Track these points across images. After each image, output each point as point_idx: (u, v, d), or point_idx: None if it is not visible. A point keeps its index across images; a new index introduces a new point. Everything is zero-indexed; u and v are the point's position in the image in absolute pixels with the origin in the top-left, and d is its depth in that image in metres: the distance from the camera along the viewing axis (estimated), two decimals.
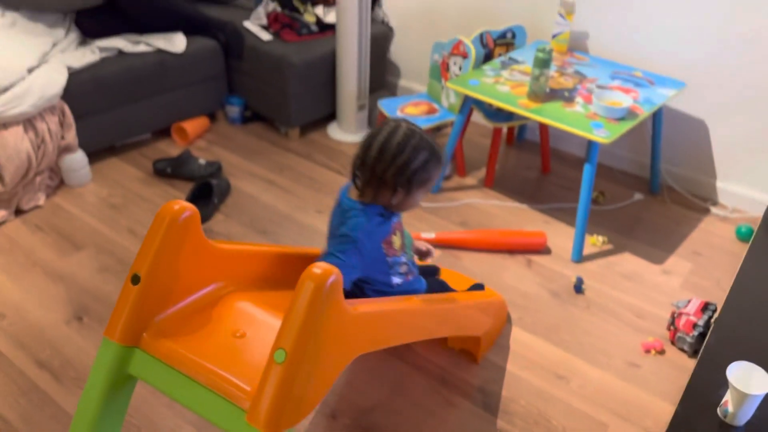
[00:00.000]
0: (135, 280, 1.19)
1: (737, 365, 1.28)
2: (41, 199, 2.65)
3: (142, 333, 1.21)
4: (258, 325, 1.30)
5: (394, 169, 1.48)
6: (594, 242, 2.53)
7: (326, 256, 1.44)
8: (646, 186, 2.91)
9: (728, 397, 1.28)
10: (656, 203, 2.80)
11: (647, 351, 2.05)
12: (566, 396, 1.89)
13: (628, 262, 2.45)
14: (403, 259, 1.64)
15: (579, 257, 2.43)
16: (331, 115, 3.35)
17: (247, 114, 3.35)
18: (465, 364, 1.99)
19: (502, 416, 1.83)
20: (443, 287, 1.91)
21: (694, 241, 2.57)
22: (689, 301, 2.11)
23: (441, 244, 2.50)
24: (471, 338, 2.01)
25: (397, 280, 1.63)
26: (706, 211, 2.75)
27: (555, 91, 2.48)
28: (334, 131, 3.30)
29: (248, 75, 3.21)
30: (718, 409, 1.31)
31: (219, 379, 1.13)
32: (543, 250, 2.48)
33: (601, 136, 2.19)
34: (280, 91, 3.06)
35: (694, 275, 2.38)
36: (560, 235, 2.58)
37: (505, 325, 2.15)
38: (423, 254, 1.89)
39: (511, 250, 2.48)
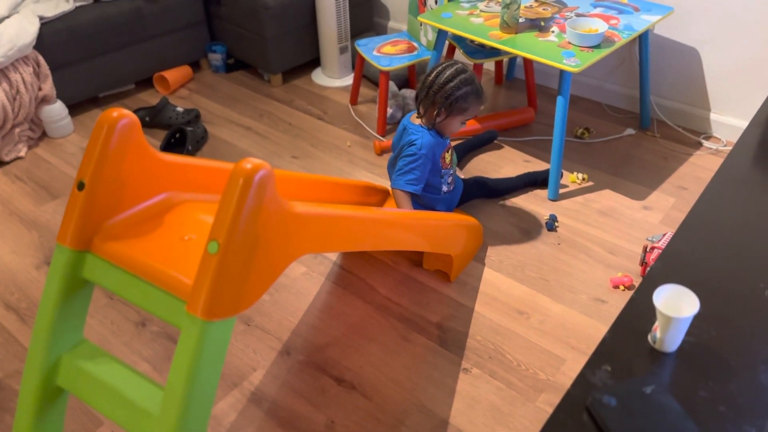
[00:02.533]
0: (80, 186, 1.22)
1: (665, 288, 1.22)
2: (22, 151, 2.68)
3: (92, 238, 1.24)
4: (206, 229, 1.30)
5: (442, 92, 1.89)
6: (574, 180, 2.45)
7: (396, 175, 1.99)
8: (637, 121, 2.78)
9: (657, 323, 1.22)
10: (646, 138, 2.68)
11: (615, 287, 1.99)
12: (525, 331, 1.86)
13: (607, 198, 2.36)
14: (451, 171, 2.11)
15: (555, 195, 2.35)
16: (315, 60, 3.29)
17: (231, 62, 3.31)
18: (426, 301, 1.97)
19: (457, 351, 1.81)
20: (480, 186, 2.32)
21: (680, 175, 2.46)
22: (664, 235, 2.03)
23: None
24: (445, 259, 2.02)
25: (444, 188, 2.10)
26: (698, 145, 2.63)
27: (531, 21, 2.36)
28: (318, 76, 3.24)
29: (228, 21, 3.16)
30: (648, 336, 1.26)
31: (163, 276, 1.16)
32: (533, 123, 2.76)
33: (571, 64, 2.08)
34: (259, 36, 3.01)
35: (676, 210, 2.28)
36: None
37: (478, 248, 2.15)
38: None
39: (503, 128, 2.71)
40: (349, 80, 3.18)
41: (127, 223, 1.28)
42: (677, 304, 1.21)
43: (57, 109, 2.74)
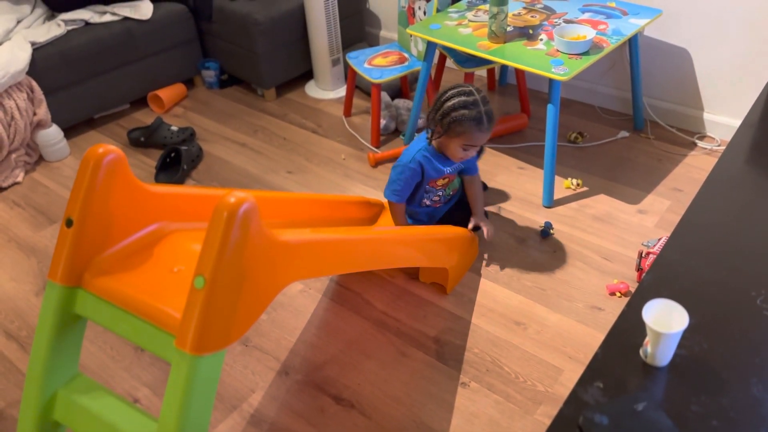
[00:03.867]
0: (69, 223, 1.23)
1: (655, 303, 1.22)
2: (19, 176, 2.70)
3: (83, 273, 1.25)
4: (195, 258, 1.31)
5: (440, 111, 1.88)
6: (568, 185, 2.44)
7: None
8: (631, 123, 2.78)
9: (648, 338, 1.22)
10: (639, 141, 2.68)
11: (612, 294, 1.99)
12: (522, 342, 1.86)
13: (602, 203, 2.36)
14: (439, 192, 2.11)
15: (550, 202, 2.35)
16: (308, 73, 3.30)
17: (224, 78, 3.32)
18: (423, 315, 1.97)
19: (455, 365, 1.81)
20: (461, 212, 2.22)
21: (675, 177, 2.46)
22: (659, 240, 2.03)
23: None
24: (440, 271, 2.02)
25: (426, 201, 2.11)
26: (693, 146, 2.62)
27: (520, 30, 2.36)
28: (312, 89, 3.25)
29: (220, 37, 3.17)
30: (640, 350, 1.26)
31: (152, 310, 1.17)
32: (527, 129, 2.77)
33: (560, 73, 2.08)
34: (250, 51, 3.02)
35: (671, 212, 2.28)
36: (533, 181, 2.49)
37: (474, 259, 2.15)
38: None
39: (497, 135, 2.74)
40: (342, 92, 3.19)
41: (117, 257, 1.29)
42: (667, 319, 1.21)
43: (52, 133, 2.76)
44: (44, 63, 2.71)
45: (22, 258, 2.30)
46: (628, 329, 1.32)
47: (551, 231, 2.22)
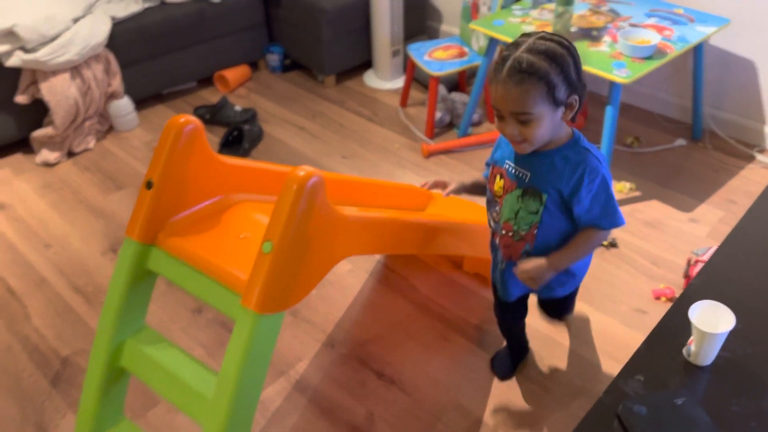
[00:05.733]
0: (149, 185, 1.33)
1: (702, 304, 1.24)
2: (91, 143, 2.85)
3: (157, 233, 1.35)
4: (259, 228, 1.40)
5: None
6: (621, 189, 2.45)
7: None
8: (689, 132, 2.75)
9: (693, 337, 1.25)
10: (697, 150, 2.65)
11: (657, 298, 1.99)
12: (563, 338, 1.89)
13: (654, 209, 2.36)
14: (497, 208, 1.43)
15: None
16: (368, 63, 3.37)
17: (287, 62, 3.42)
18: (466, 303, 2.02)
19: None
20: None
21: (730, 189, 2.43)
22: (709, 249, 2.02)
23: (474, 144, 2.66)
24: (485, 263, 2.05)
25: (491, 223, 1.48)
26: (751, 159, 2.58)
27: (583, 30, 2.38)
28: (370, 79, 3.32)
29: (286, 23, 3.27)
30: (684, 349, 1.28)
31: (220, 271, 1.26)
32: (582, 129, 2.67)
33: (621, 75, 2.09)
34: (315, 38, 3.11)
35: (723, 224, 2.26)
36: None
37: None
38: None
39: None
40: (399, 83, 3.25)
41: (189, 221, 1.38)
42: (713, 320, 1.23)
43: (124, 105, 2.90)
44: (122, 37, 2.85)
45: (91, 220, 2.45)
46: (673, 329, 1.34)
47: (608, 242, 2.21)
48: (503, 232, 1.42)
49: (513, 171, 1.36)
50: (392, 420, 1.69)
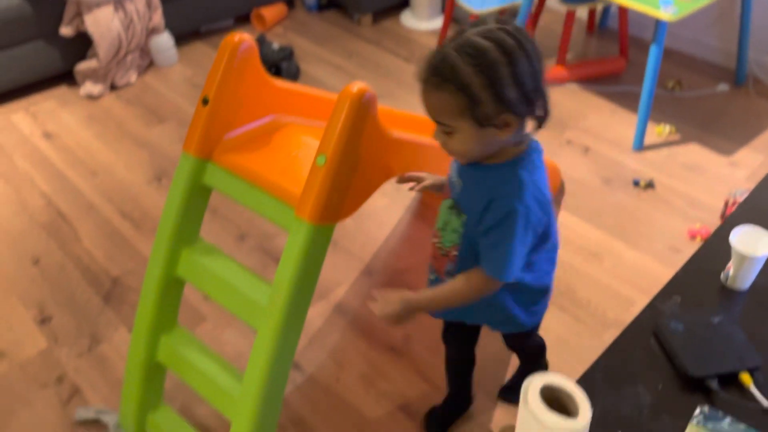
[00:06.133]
0: (205, 101, 1.37)
1: (743, 228, 1.26)
2: (133, 77, 2.90)
3: (213, 149, 1.40)
4: (309, 147, 1.46)
5: None
6: (660, 132, 2.43)
7: None
8: (732, 77, 2.70)
9: (731, 261, 1.27)
10: (739, 95, 2.61)
11: (692, 237, 2.01)
12: (597, 273, 1.92)
13: (693, 152, 2.34)
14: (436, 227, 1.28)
15: (640, 145, 2.36)
16: (405, 2, 3.34)
17: (323, 2, 3.40)
18: None
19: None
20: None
21: None
22: (748, 191, 2.02)
23: None
24: None
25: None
26: None
27: None
28: (407, 19, 3.29)
29: None
30: (721, 274, 1.31)
31: (274, 185, 1.32)
32: (623, 74, 2.69)
33: (669, 12, 2.06)
34: None
35: (765, 167, 2.24)
36: (624, 124, 2.50)
37: (556, 193, 2.19)
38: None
39: (592, 77, 2.69)
40: (437, 23, 3.22)
41: (243, 139, 1.43)
42: (753, 244, 1.25)
43: (165, 40, 2.93)
44: None
45: (135, 150, 2.52)
46: (711, 256, 1.37)
47: (642, 182, 2.21)
48: (434, 239, 1.25)
49: (453, 176, 1.16)
50: (428, 342, 1.75)
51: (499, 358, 1.72)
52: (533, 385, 0.80)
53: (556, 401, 0.81)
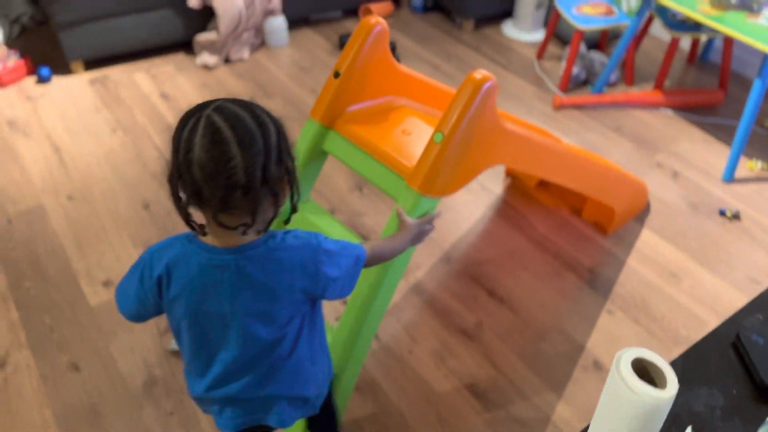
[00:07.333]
0: (336, 74, 1.51)
1: None
2: (246, 53, 3.11)
3: (336, 119, 1.54)
4: (422, 130, 1.58)
5: None
6: (752, 166, 2.43)
7: None
8: None
9: None
10: None
11: None
12: (674, 291, 1.95)
13: None
14: None
15: (730, 177, 2.36)
16: (508, 12, 3.42)
17: (429, 3, 3.53)
18: (581, 246, 2.12)
19: (604, 294, 1.95)
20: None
21: None
22: None
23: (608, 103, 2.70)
24: (605, 212, 2.13)
25: None
26: None
27: (743, 2, 2.33)
28: (508, 28, 3.37)
29: None
30: None
31: (388, 156, 1.43)
32: (720, 106, 2.71)
33: None
34: None
35: None
36: (716, 154, 2.50)
37: (641, 211, 2.23)
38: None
39: (688, 105, 2.72)
40: (537, 35, 3.29)
41: (364, 112, 1.56)
42: None
43: (279, 22, 3.13)
44: None
45: None
46: None
47: (729, 213, 2.22)
48: None
49: None
50: (499, 331, 1.83)
51: None
52: (626, 355, 0.87)
53: (645, 374, 0.88)
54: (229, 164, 0.85)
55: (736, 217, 2.21)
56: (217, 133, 0.86)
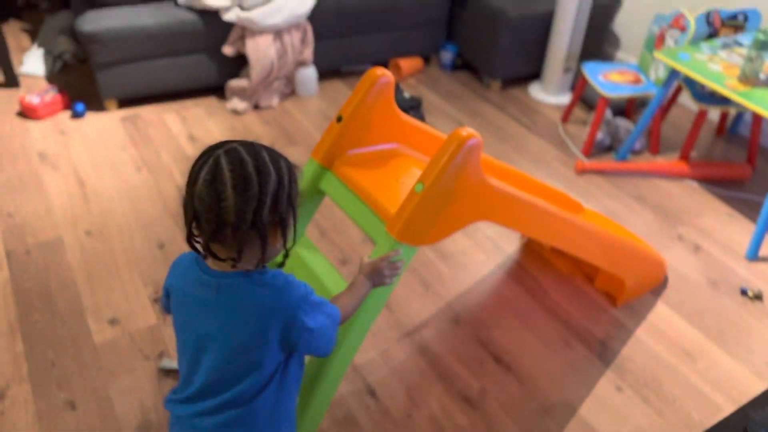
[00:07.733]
0: (339, 119, 1.57)
1: None
2: (275, 101, 3.18)
3: (335, 160, 1.58)
4: (414, 177, 1.59)
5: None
6: None
7: None
8: None
9: None
10: None
11: None
12: (687, 372, 1.88)
13: None
14: None
15: (754, 255, 2.29)
16: (536, 74, 3.45)
17: (458, 62, 3.58)
18: (594, 317, 2.06)
19: (614, 369, 1.88)
20: None
21: None
22: None
23: (631, 171, 2.71)
24: (616, 283, 2.08)
25: None
26: None
27: None
28: (535, 90, 3.39)
29: (466, 24, 3.43)
30: None
31: (375, 201, 1.46)
32: (747, 181, 2.68)
33: None
34: (491, 42, 3.24)
35: None
36: (740, 230, 2.44)
37: (657, 286, 2.18)
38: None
39: (715, 178, 2.70)
40: (563, 99, 3.30)
41: (362, 157, 1.61)
42: None
43: (310, 73, 3.20)
44: (321, 12, 3.14)
45: None
46: None
47: (750, 293, 2.15)
48: None
49: None
50: (503, 401, 1.78)
51: None
52: None
53: None
54: (221, 203, 0.94)
55: (758, 297, 2.13)
56: (218, 174, 0.94)
